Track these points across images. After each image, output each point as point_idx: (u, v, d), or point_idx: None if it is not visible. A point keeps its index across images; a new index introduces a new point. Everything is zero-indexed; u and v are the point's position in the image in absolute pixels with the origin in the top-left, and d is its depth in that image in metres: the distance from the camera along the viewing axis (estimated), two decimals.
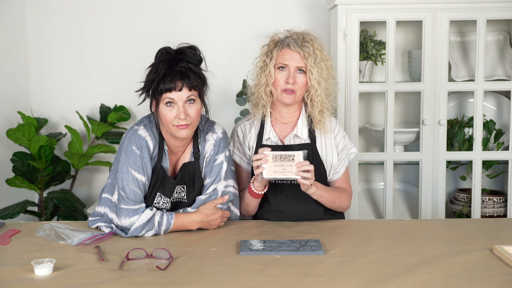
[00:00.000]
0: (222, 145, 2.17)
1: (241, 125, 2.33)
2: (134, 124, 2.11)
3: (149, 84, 2.02)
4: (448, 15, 3.03)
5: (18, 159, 3.25)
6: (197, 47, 2.07)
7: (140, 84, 2.09)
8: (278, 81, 2.18)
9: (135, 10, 3.46)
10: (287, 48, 2.17)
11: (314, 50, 2.15)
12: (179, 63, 2.00)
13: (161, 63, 2.00)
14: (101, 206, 2.11)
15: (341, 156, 2.28)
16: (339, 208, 2.26)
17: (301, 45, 2.15)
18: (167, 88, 1.98)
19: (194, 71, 2.02)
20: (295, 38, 2.18)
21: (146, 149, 2.04)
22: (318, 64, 2.15)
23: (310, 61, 2.14)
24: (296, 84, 2.16)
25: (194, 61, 2.03)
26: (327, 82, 2.19)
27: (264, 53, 2.22)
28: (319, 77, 2.16)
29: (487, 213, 3.21)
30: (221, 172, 2.14)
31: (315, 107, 2.20)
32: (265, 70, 2.20)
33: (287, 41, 2.18)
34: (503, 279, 1.58)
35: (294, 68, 2.16)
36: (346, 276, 1.61)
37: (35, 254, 1.80)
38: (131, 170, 2.02)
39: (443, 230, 2.09)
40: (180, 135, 2.02)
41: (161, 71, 1.99)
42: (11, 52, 3.40)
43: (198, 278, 1.61)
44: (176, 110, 2.00)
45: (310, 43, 2.16)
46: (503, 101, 3.29)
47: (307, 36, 2.19)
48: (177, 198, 2.13)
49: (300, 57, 2.15)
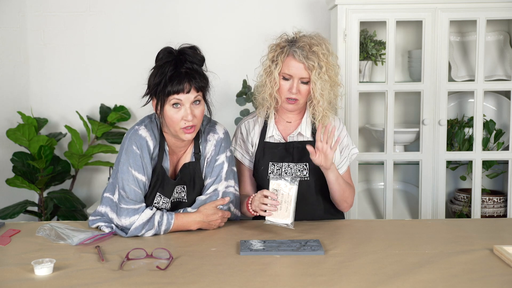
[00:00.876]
0: (223, 145, 2.17)
1: (245, 122, 2.34)
2: (135, 124, 2.11)
3: (155, 86, 2.00)
4: (448, 15, 3.03)
5: (18, 159, 3.25)
6: (198, 47, 2.06)
7: (143, 86, 2.07)
8: (282, 89, 2.19)
9: (135, 10, 3.46)
10: (292, 57, 2.15)
11: (319, 62, 2.14)
12: (184, 64, 1.99)
13: (166, 65, 1.99)
14: (102, 205, 2.12)
15: (343, 153, 2.29)
16: (344, 203, 2.26)
17: (307, 56, 2.13)
18: (175, 90, 1.97)
19: (199, 71, 2.02)
20: (301, 46, 2.14)
21: (146, 149, 2.04)
22: (323, 76, 2.14)
23: (314, 73, 2.14)
24: (299, 94, 2.18)
25: (197, 61, 2.03)
26: (330, 94, 2.20)
27: (270, 57, 2.21)
28: (322, 90, 2.16)
29: (487, 213, 3.21)
30: (222, 172, 2.14)
31: (317, 115, 2.22)
32: (270, 75, 2.21)
33: (293, 49, 2.16)
34: (503, 279, 1.58)
35: (298, 78, 2.16)
36: (346, 276, 1.61)
37: (35, 254, 1.80)
38: (131, 170, 2.02)
39: (443, 230, 2.09)
40: (185, 138, 2.03)
41: (168, 73, 1.97)
42: (11, 52, 3.40)
43: (198, 278, 1.61)
44: (183, 112, 1.99)
45: (316, 53, 2.13)
46: (503, 101, 3.29)
47: (314, 45, 2.14)
48: (177, 198, 2.13)
49: (304, 68, 2.14)
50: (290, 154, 2.24)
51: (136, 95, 2.13)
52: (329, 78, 2.16)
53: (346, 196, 2.24)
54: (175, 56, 2.00)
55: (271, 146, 2.26)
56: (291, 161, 2.23)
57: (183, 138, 2.03)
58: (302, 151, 2.23)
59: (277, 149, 2.25)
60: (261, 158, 2.25)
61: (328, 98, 2.19)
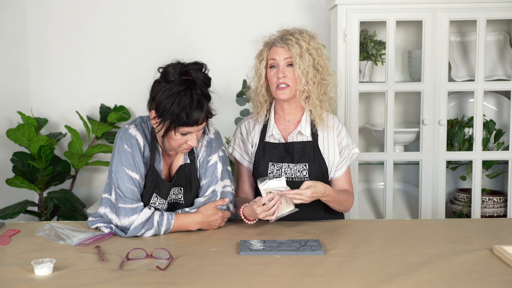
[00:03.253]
0: (214, 145, 2.17)
1: (245, 122, 2.35)
2: (126, 123, 2.11)
3: (170, 115, 1.96)
4: (448, 15, 3.03)
5: (18, 159, 3.25)
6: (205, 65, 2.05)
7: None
8: (271, 79, 2.21)
9: (135, 10, 3.46)
10: (273, 46, 2.21)
11: (298, 40, 2.17)
12: (196, 90, 1.97)
13: (182, 93, 1.95)
14: (102, 206, 2.12)
15: (343, 153, 2.29)
16: (344, 210, 2.29)
17: (286, 40, 2.18)
18: (190, 123, 1.97)
19: (207, 96, 2.01)
20: (281, 35, 2.21)
21: (137, 147, 2.05)
22: (303, 54, 2.17)
23: (294, 52, 2.16)
24: (287, 78, 2.18)
25: (207, 85, 2.02)
26: (316, 70, 2.20)
27: (258, 57, 2.26)
28: (306, 67, 2.17)
29: (487, 213, 3.21)
30: (216, 173, 2.15)
31: (311, 102, 2.22)
32: (258, 73, 2.25)
33: (273, 39, 2.22)
34: (503, 279, 1.58)
35: (282, 63, 2.19)
36: (346, 276, 1.61)
37: (35, 254, 1.80)
38: (125, 169, 2.03)
39: (443, 230, 2.09)
40: (182, 153, 2.12)
41: (184, 104, 1.95)
42: (11, 52, 3.40)
43: (198, 278, 1.61)
44: (188, 137, 2.02)
45: (295, 36, 2.19)
46: (503, 101, 3.29)
47: (293, 30, 2.21)
48: (174, 199, 2.14)
49: (285, 51, 2.18)
50: (290, 155, 2.24)
51: (136, 95, 2.14)
52: (310, 56, 2.18)
53: (345, 205, 2.27)
54: (189, 82, 1.97)
55: (271, 146, 2.26)
56: (291, 161, 2.23)
57: (180, 152, 2.12)
58: (302, 151, 2.23)
59: (277, 150, 2.25)
60: (261, 158, 2.26)
61: (313, 76, 2.18)
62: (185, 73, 1.98)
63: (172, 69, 1.99)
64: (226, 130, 3.07)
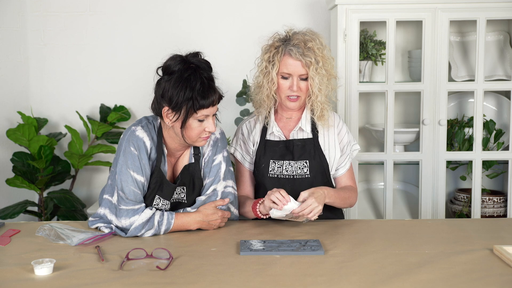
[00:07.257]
0: (220, 145, 2.17)
1: (246, 122, 2.35)
2: (132, 124, 2.09)
3: (186, 101, 1.96)
4: (448, 15, 3.03)
5: (18, 159, 3.25)
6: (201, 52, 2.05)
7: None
8: (282, 88, 2.20)
9: (136, 10, 3.46)
10: (288, 55, 2.17)
11: (316, 57, 2.15)
12: (203, 73, 1.98)
13: (191, 77, 1.96)
14: (101, 207, 2.11)
15: (345, 151, 2.30)
16: (348, 206, 2.31)
17: (303, 53, 2.14)
18: (207, 104, 1.96)
19: (213, 79, 2.03)
20: (296, 43, 2.16)
21: (144, 149, 2.04)
22: (320, 71, 2.17)
23: (311, 69, 2.15)
24: (300, 91, 2.19)
25: (210, 69, 2.03)
26: (328, 87, 2.22)
27: (266, 58, 2.21)
28: (320, 85, 2.18)
29: (487, 213, 3.21)
30: (220, 172, 2.14)
31: (315, 110, 2.24)
32: (267, 76, 2.21)
33: (288, 47, 2.17)
34: (503, 279, 1.58)
35: (296, 76, 2.18)
36: (346, 276, 1.61)
37: (35, 254, 1.80)
38: (129, 171, 2.02)
39: (443, 230, 2.09)
40: (201, 145, 2.10)
41: (197, 87, 1.95)
42: (11, 52, 3.40)
43: (198, 278, 1.61)
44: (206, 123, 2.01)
45: (312, 49, 2.15)
46: (503, 101, 3.29)
47: (309, 42, 2.16)
48: (176, 199, 2.13)
49: (302, 65, 2.16)
50: (291, 152, 2.24)
51: (136, 95, 2.13)
52: (326, 72, 2.19)
53: (349, 202, 2.29)
54: (194, 68, 1.98)
55: (272, 144, 2.26)
56: (292, 159, 2.23)
57: (199, 145, 2.09)
58: (303, 148, 2.23)
59: (277, 147, 2.25)
60: (262, 155, 2.26)
61: (325, 92, 2.21)
62: (186, 62, 1.99)
63: (172, 61, 2.00)
64: (226, 130, 3.07)
